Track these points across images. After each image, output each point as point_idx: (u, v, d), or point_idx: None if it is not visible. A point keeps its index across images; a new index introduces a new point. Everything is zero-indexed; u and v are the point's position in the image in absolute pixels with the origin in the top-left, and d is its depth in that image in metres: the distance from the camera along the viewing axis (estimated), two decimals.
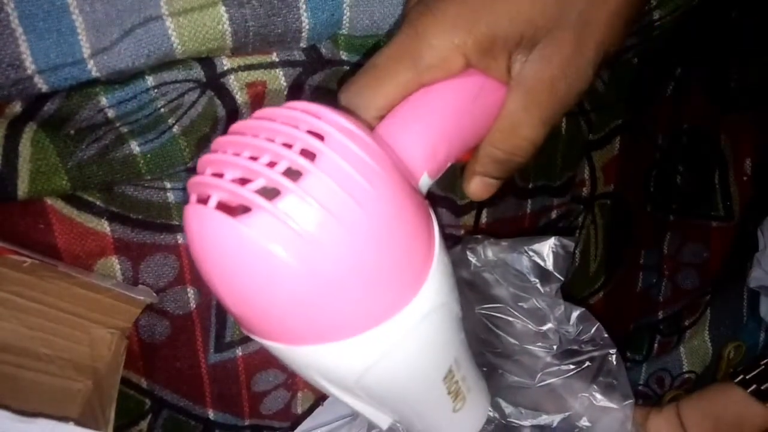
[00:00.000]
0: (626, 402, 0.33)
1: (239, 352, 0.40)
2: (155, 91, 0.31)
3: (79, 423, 0.29)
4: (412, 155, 0.25)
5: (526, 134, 0.28)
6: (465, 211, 0.43)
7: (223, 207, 0.21)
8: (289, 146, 0.21)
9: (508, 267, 0.37)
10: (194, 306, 0.37)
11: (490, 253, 0.37)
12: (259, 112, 0.23)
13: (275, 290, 0.21)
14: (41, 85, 0.28)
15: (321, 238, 0.20)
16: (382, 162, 0.22)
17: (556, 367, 0.35)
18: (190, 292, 0.37)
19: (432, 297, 0.24)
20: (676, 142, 0.53)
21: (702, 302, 0.59)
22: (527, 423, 0.34)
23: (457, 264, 0.37)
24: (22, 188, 0.30)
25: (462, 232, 0.43)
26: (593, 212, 0.51)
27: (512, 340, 0.36)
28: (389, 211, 0.22)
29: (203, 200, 0.21)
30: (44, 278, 0.31)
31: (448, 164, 0.28)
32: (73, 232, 0.33)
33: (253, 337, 0.24)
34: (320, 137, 0.21)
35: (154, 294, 0.36)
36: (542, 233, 0.49)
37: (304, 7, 0.31)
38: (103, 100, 0.30)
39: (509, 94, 0.27)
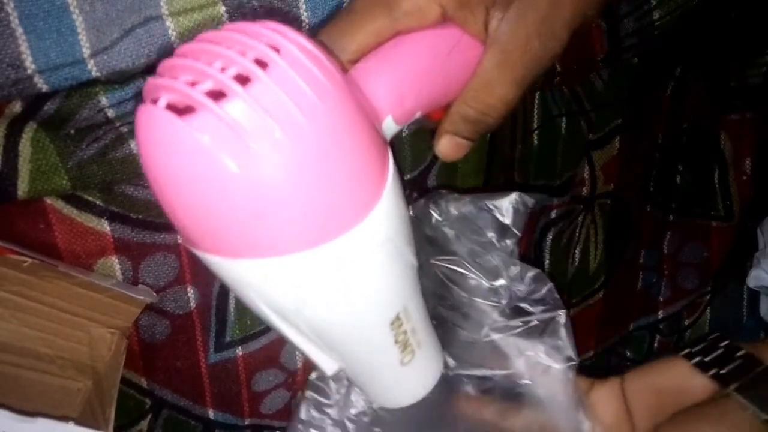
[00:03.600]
0: (569, 363, 0.32)
1: (239, 351, 0.40)
2: None
3: (79, 423, 0.29)
4: (378, 96, 0.26)
5: (499, 93, 0.28)
6: None
7: (176, 110, 0.20)
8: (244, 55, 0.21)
9: (468, 222, 0.37)
10: (194, 306, 0.37)
11: (452, 208, 0.37)
12: (231, 25, 0.23)
13: (213, 194, 0.21)
14: (41, 85, 0.28)
15: (263, 145, 0.20)
16: (336, 82, 0.22)
17: (503, 324, 0.34)
18: (190, 291, 0.37)
19: (378, 229, 0.24)
20: (676, 142, 0.53)
21: (702, 302, 0.59)
22: (467, 372, 0.34)
23: (420, 218, 0.37)
24: (22, 188, 0.30)
25: None
26: (593, 212, 0.51)
27: (462, 293, 0.36)
28: (337, 129, 0.22)
29: (155, 102, 0.21)
30: (44, 278, 0.31)
31: (417, 114, 0.28)
32: (73, 232, 0.33)
33: (194, 250, 0.24)
34: (277, 51, 0.21)
35: (154, 294, 0.36)
36: (542, 233, 0.49)
37: (303, 7, 0.31)
38: (103, 100, 0.30)
39: (485, 52, 0.27)
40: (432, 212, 0.37)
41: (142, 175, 0.32)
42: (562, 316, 0.34)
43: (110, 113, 0.31)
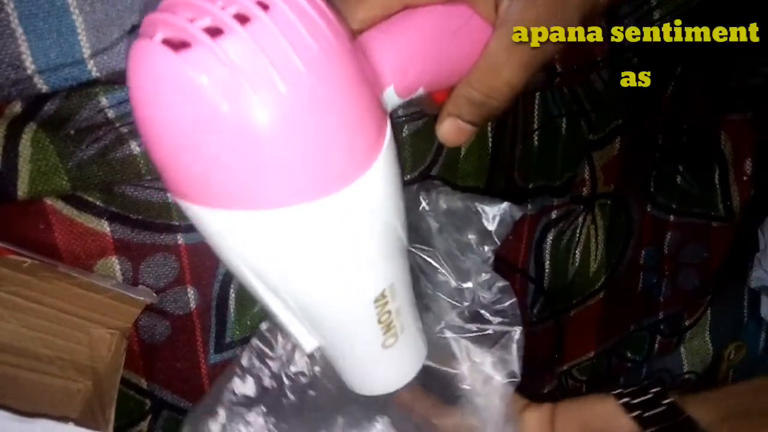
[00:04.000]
0: (511, 379, 0.33)
1: (239, 352, 0.40)
2: None
3: (79, 423, 0.29)
4: (381, 65, 0.25)
5: (506, 77, 0.27)
6: None
7: (172, 46, 0.20)
8: None
9: (453, 219, 0.36)
10: (194, 306, 0.37)
11: (442, 201, 0.37)
12: None
13: (200, 134, 0.20)
14: (41, 85, 0.28)
15: (257, 88, 0.19)
16: (338, 35, 0.21)
17: (459, 325, 0.35)
18: (190, 292, 0.37)
19: (369, 193, 0.23)
20: (676, 142, 0.53)
21: (702, 302, 0.59)
22: None
23: (408, 204, 0.37)
24: (22, 188, 0.30)
25: None
26: (593, 212, 0.51)
27: (429, 286, 0.36)
28: (334, 82, 0.21)
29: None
30: (44, 278, 0.31)
31: (420, 90, 0.27)
32: (73, 232, 0.33)
33: (176, 200, 0.23)
34: None
35: (154, 294, 0.35)
36: (542, 233, 0.49)
37: None
38: (103, 100, 0.30)
39: (493, 34, 0.27)
40: (421, 200, 0.37)
41: (143, 175, 0.32)
42: (517, 332, 0.34)
43: (110, 114, 0.31)
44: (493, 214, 0.36)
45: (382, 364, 0.30)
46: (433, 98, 0.30)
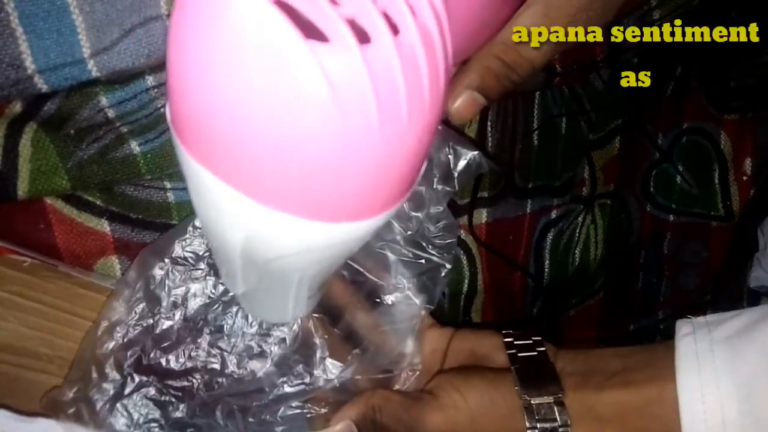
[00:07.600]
0: (427, 305, 0.36)
1: None
2: (155, 91, 0.31)
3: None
4: None
5: (531, 54, 0.26)
6: (464, 211, 0.43)
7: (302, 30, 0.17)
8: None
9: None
10: None
11: None
12: None
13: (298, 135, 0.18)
14: (41, 85, 0.28)
15: (382, 106, 0.17)
16: (449, 67, 0.19)
17: (399, 248, 0.37)
18: None
19: (379, 223, 0.23)
20: (676, 142, 0.53)
21: (702, 302, 0.59)
22: (350, 261, 0.36)
23: None
24: (23, 188, 0.30)
25: (461, 232, 0.43)
26: (593, 212, 0.51)
27: None
28: (435, 122, 0.19)
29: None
30: (44, 278, 0.31)
31: None
32: (73, 232, 0.33)
33: (185, 153, 0.20)
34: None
35: None
36: (542, 233, 0.49)
37: None
38: (103, 100, 0.30)
39: (525, 7, 0.26)
40: None
41: (142, 175, 0.32)
42: (446, 268, 0.37)
43: (110, 113, 0.31)
44: (461, 158, 0.36)
45: (286, 311, 0.33)
46: None
